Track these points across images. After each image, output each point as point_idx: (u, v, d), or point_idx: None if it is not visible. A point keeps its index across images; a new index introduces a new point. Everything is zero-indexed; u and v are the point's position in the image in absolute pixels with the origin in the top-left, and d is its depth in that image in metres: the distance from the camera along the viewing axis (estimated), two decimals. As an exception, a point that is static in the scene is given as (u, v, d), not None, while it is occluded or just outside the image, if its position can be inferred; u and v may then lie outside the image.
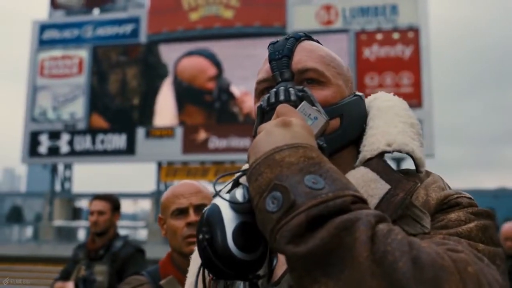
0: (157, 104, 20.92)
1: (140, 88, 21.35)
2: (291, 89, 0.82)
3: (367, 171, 0.81)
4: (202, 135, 20.00)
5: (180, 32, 21.17)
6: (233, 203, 0.68)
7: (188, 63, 20.82)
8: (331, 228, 0.53)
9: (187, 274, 1.00)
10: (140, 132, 20.59)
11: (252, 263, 0.67)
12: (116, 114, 21.30)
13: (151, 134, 20.47)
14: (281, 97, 0.81)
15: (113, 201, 3.41)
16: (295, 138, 0.65)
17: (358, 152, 0.88)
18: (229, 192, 0.73)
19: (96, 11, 23.15)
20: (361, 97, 0.93)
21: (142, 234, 22.81)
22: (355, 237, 0.52)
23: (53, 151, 21.32)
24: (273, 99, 0.82)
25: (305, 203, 0.56)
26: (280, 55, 0.88)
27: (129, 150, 20.60)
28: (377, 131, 0.86)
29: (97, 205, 3.33)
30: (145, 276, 1.81)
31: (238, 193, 0.69)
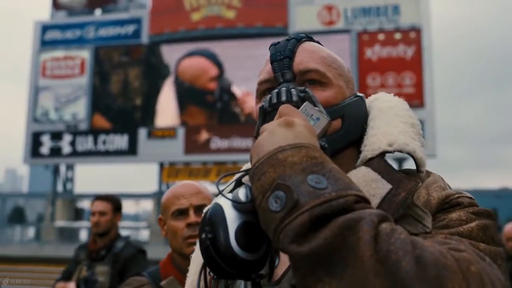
0: (159, 104, 20.94)
1: (142, 88, 21.37)
2: (293, 90, 0.83)
3: (368, 171, 0.81)
4: (204, 135, 20.00)
5: (182, 32, 21.17)
6: (236, 203, 0.68)
7: (189, 63, 20.83)
8: (334, 227, 0.53)
9: (187, 274, 0.99)
10: (142, 132, 20.61)
11: (254, 263, 0.67)
12: (118, 114, 21.32)
13: (153, 134, 20.49)
14: (283, 98, 0.82)
15: (114, 202, 3.41)
16: (298, 138, 0.65)
17: (359, 152, 0.88)
18: (231, 191, 0.72)
19: (98, 12, 23.19)
20: (362, 98, 0.94)
21: (144, 234, 22.82)
22: (359, 236, 0.52)
23: (55, 152, 21.36)
24: (275, 100, 0.83)
25: (308, 203, 0.56)
26: (281, 56, 0.88)
27: (131, 150, 20.62)
28: (378, 131, 0.87)
29: (99, 206, 3.33)
30: (146, 277, 1.80)
31: (240, 193, 0.69)
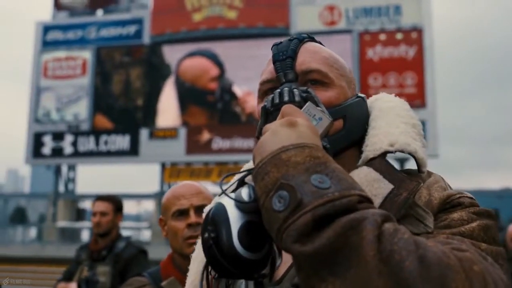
0: (160, 104, 20.95)
1: (143, 89, 21.39)
2: (295, 90, 0.83)
3: (370, 171, 0.81)
4: (205, 135, 20.01)
5: (183, 33, 21.19)
6: (239, 202, 0.68)
7: (190, 63, 20.84)
8: (337, 227, 0.54)
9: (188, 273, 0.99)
10: (143, 133, 20.62)
11: (257, 262, 0.67)
12: (119, 115, 21.34)
13: (154, 135, 20.50)
14: (286, 98, 0.82)
15: (115, 202, 3.41)
16: (301, 138, 0.65)
17: (360, 152, 0.88)
18: (234, 191, 0.72)
19: (99, 12, 23.21)
20: (363, 99, 0.94)
21: (145, 235, 22.83)
22: (362, 236, 0.52)
23: (57, 152, 21.38)
24: (277, 100, 0.83)
25: (311, 202, 0.56)
26: (284, 56, 0.89)
27: (133, 151, 20.64)
28: (379, 132, 0.87)
29: (100, 206, 3.33)
30: (146, 277, 1.80)
31: (243, 192, 0.69)
